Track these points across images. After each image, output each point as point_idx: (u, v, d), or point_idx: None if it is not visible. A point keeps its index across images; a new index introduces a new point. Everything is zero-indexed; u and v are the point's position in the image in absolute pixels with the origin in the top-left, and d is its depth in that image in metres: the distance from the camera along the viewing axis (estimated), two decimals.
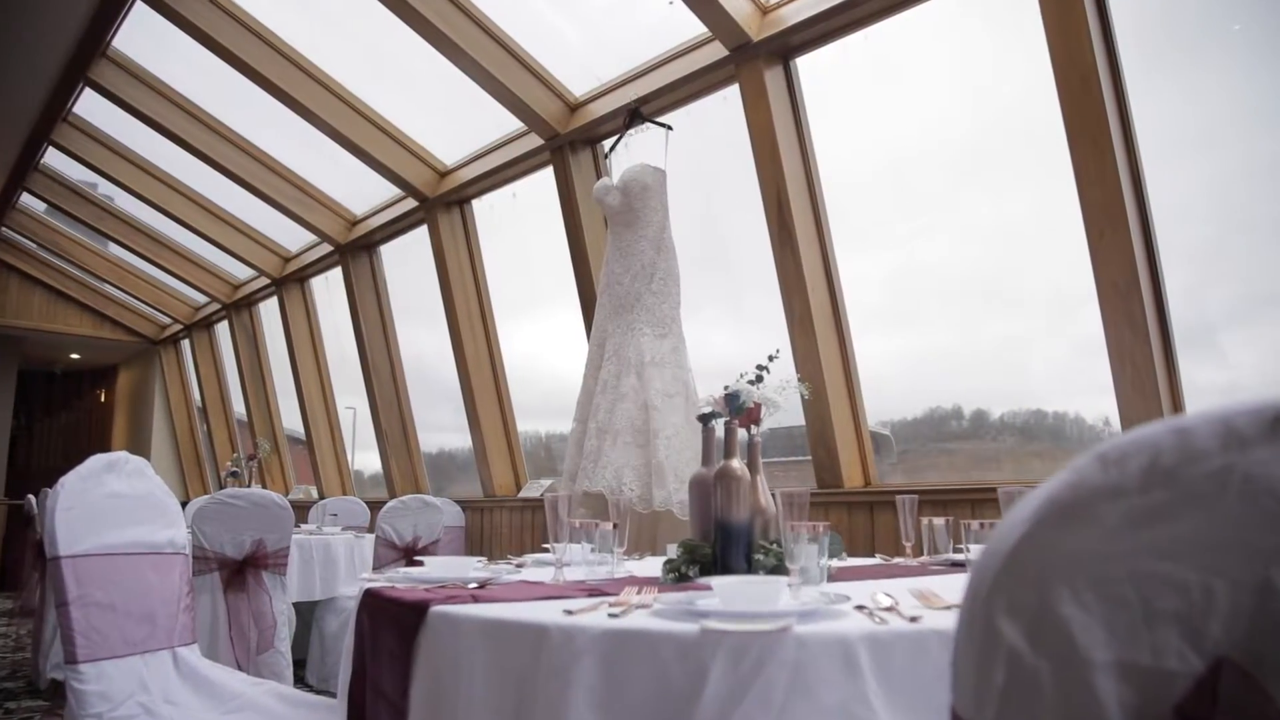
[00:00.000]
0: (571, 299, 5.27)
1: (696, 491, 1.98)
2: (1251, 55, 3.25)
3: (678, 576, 1.83)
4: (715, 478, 1.86)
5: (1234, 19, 3.34)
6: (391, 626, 1.43)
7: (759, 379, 1.98)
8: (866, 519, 3.80)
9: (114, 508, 1.72)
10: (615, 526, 1.85)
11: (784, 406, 2.01)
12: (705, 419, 2.00)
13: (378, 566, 4.50)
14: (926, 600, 1.35)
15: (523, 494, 5.78)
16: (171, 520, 1.91)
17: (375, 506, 6.04)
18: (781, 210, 3.97)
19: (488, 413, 5.93)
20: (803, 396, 2.09)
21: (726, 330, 5.13)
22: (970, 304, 4.06)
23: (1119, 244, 3.09)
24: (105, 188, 7.97)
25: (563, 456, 7.00)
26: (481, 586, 1.63)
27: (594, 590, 1.59)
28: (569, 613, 1.25)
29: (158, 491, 1.89)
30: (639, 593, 1.47)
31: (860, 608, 1.27)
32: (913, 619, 1.18)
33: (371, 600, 1.54)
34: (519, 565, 2.23)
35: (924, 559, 2.35)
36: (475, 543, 5.90)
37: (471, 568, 1.86)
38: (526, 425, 6.14)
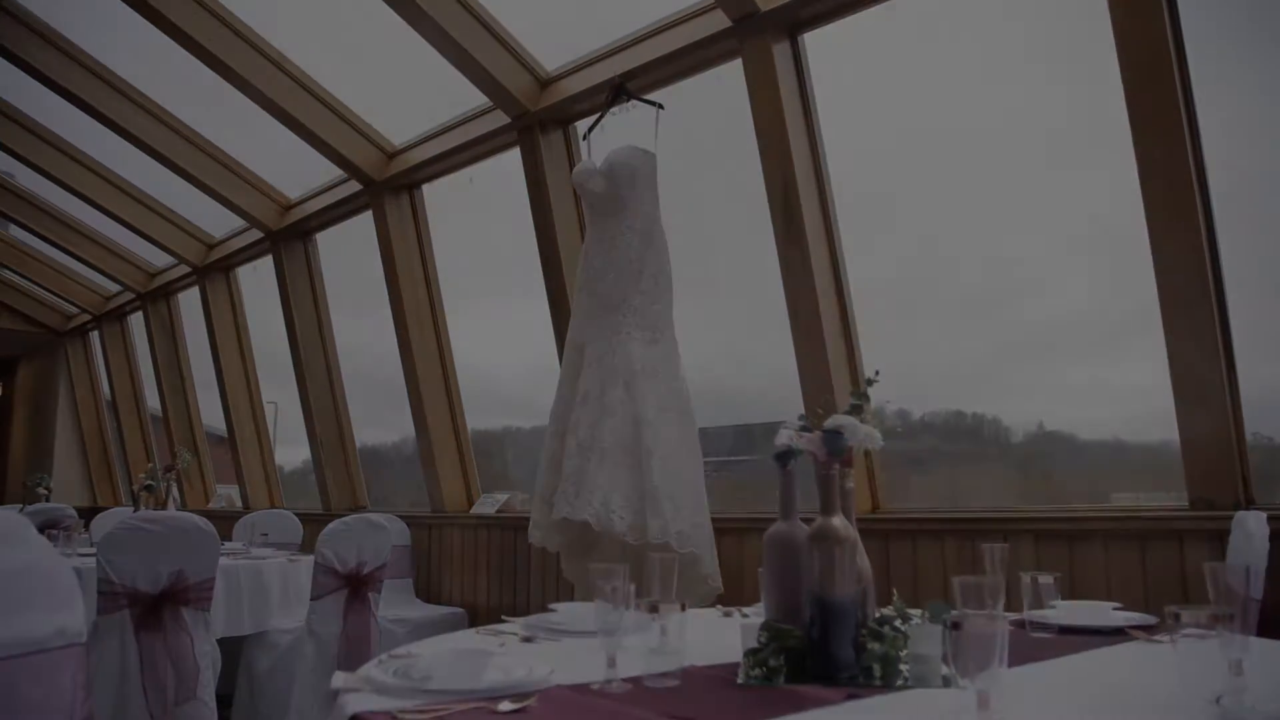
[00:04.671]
0: (523, 292, 4.80)
1: (776, 554, 1.52)
2: None
3: (764, 674, 1.38)
4: (813, 540, 1.41)
5: None
6: None
7: (858, 408, 1.53)
8: (880, 552, 3.38)
9: None
10: (684, 607, 1.38)
11: (883, 443, 1.57)
12: (784, 458, 1.55)
13: (317, 596, 3.95)
14: None
15: (475, 510, 5.26)
16: (62, 599, 1.36)
17: (306, 519, 5.48)
18: (789, 204, 3.55)
19: (437, 419, 5.39)
20: (896, 431, 1.66)
21: (696, 333, 4.75)
22: (894, 302, 3.92)
23: (1189, 250, 2.75)
24: (4, 162, 7.16)
25: (511, 464, 6.55)
26: (520, 708, 1.15)
27: (677, 717, 1.12)
28: None
29: (43, 561, 1.35)
30: None
31: None
32: None
33: None
34: (527, 640, 1.75)
35: (1018, 616, 1.94)
36: (423, 563, 5.36)
37: (486, 661, 1.36)
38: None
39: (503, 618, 1.95)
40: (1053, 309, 3.61)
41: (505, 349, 5.74)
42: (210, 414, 8.04)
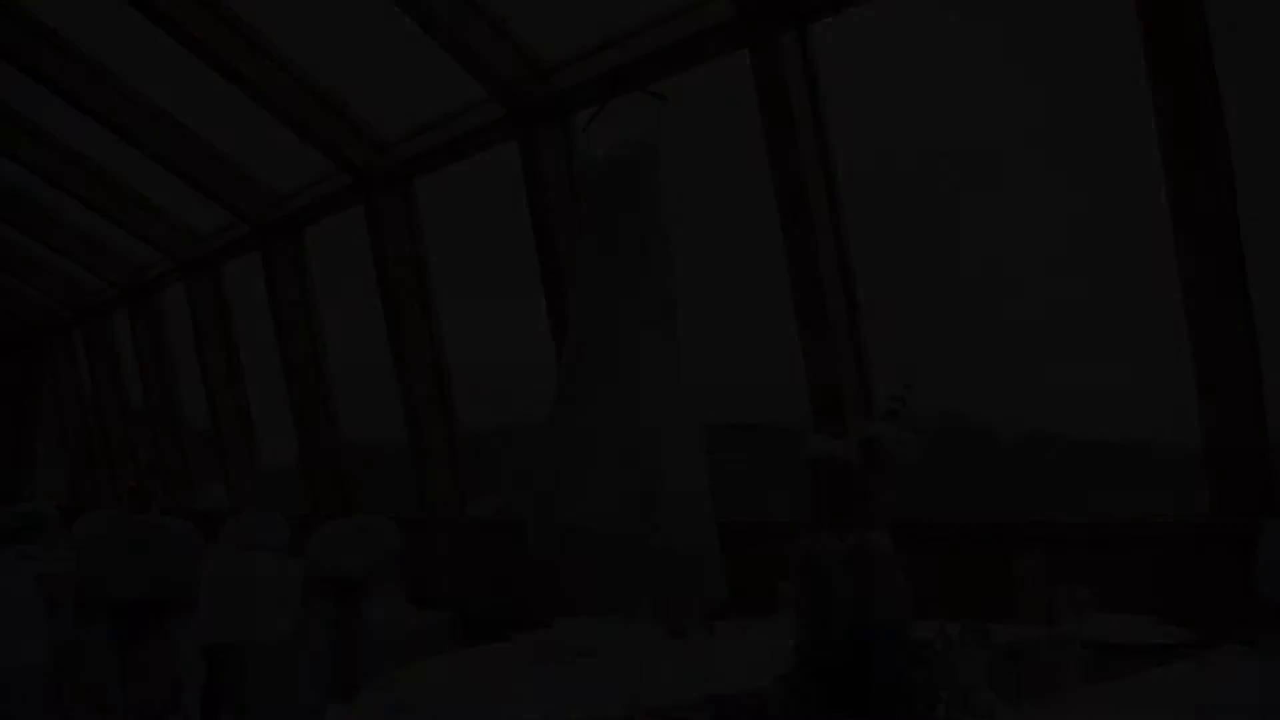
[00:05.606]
0: (519, 288, 4.74)
1: (808, 571, 1.41)
2: None
3: (798, 703, 1.27)
4: (851, 557, 1.31)
5: None
6: None
7: (894, 413, 1.43)
8: None
9: None
10: (712, 631, 1.28)
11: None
12: (816, 467, 1.44)
13: (306, 601, 3.84)
14: None
15: (469, 512, 5.15)
16: (22, 626, 1.24)
17: (294, 520, 5.33)
18: (798, 201, 3.45)
19: (429, 418, 5.28)
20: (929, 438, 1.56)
21: (695, 330, 4.69)
22: (884, 298, 3.85)
23: (1215, 250, 2.66)
24: None
25: (506, 465, 6.42)
26: None
27: None
28: None
29: (14, 586, 1.22)
30: None
31: None
32: None
33: None
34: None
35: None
36: (414, 567, 5.23)
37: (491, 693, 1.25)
38: None
39: (507, 635, 1.84)
40: (1046, 308, 3.56)
41: (500, 346, 5.64)
42: (196, 412, 7.91)
